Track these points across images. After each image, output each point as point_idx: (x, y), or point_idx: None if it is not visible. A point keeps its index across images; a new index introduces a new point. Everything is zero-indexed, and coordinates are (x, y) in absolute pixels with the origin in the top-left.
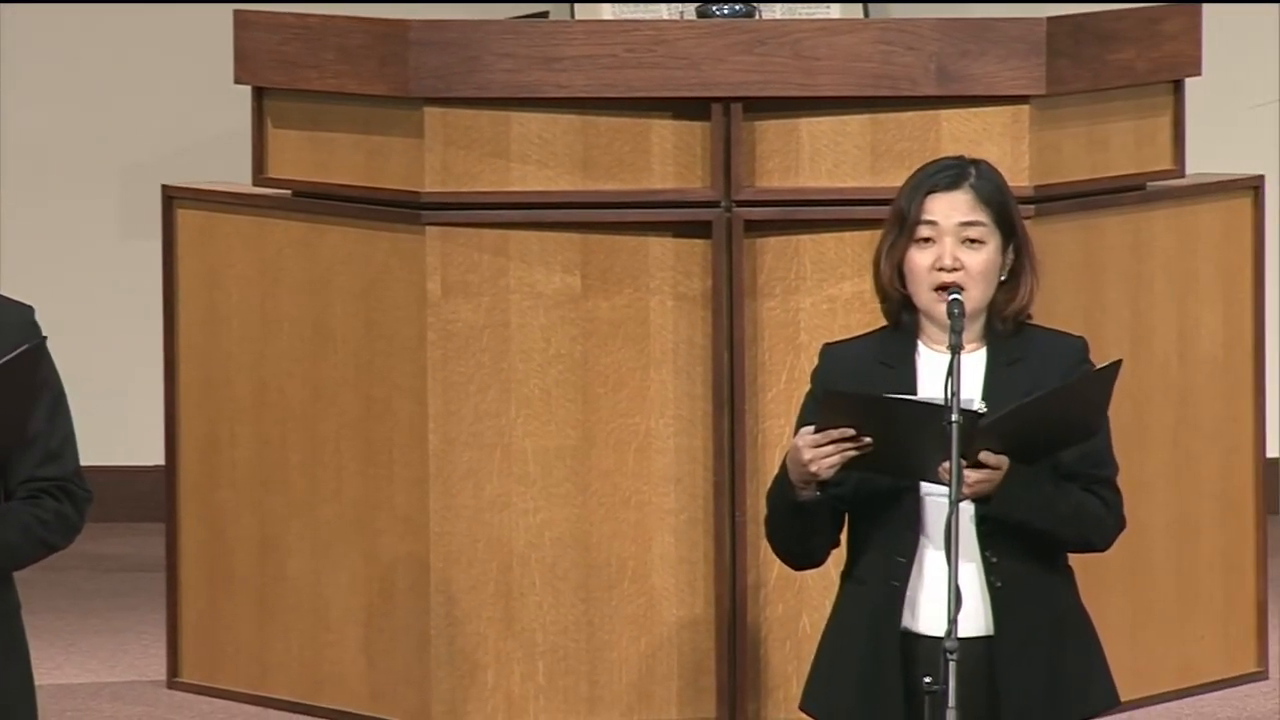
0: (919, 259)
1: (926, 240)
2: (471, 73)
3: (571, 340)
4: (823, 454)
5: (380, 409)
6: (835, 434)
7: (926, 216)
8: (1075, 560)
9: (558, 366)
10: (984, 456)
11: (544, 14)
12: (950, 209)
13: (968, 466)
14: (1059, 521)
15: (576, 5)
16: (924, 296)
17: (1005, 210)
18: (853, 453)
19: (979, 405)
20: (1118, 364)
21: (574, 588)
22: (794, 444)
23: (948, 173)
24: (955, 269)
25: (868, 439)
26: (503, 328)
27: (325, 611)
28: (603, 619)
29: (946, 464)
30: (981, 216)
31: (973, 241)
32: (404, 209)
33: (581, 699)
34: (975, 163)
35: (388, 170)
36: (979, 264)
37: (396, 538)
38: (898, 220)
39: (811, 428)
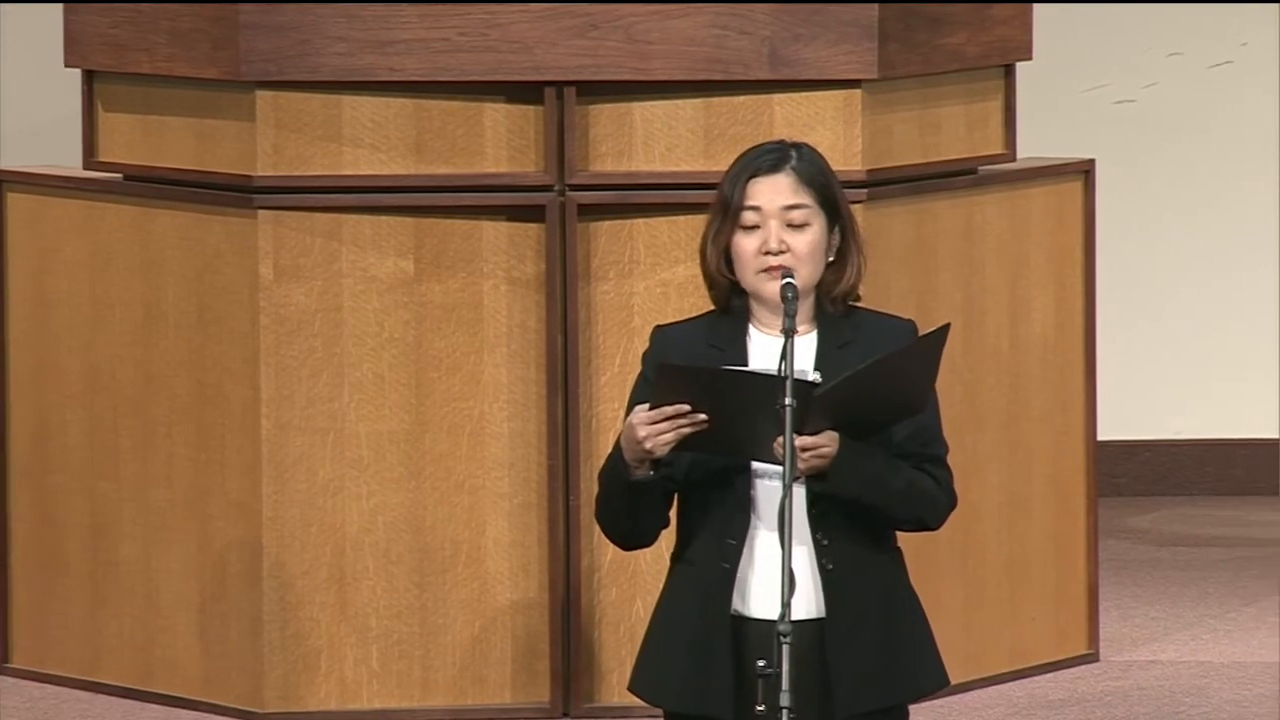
0: (745, 244)
1: (751, 225)
2: (303, 56)
3: (405, 324)
4: (658, 431)
5: (212, 393)
6: (670, 410)
7: (750, 201)
8: (907, 543)
9: (391, 351)
10: (808, 441)
11: None
12: (773, 192)
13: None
14: (892, 498)
15: None
16: (752, 280)
17: (828, 191)
18: (688, 430)
19: (814, 375)
20: (946, 327)
21: (407, 572)
22: (629, 422)
23: (769, 156)
24: (781, 252)
25: (702, 415)
26: (335, 312)
27: (157, 597)
28: (436, 603)
29: (781, 440)
30: (805, 199)
31: (797, 224)
32: (236, 193)
33: (415, 683)
34: (796, 146)
35: (219, 154)
36: (805, 245)
37: (229, 523)
38: (722, 206)
39: (647, 405)
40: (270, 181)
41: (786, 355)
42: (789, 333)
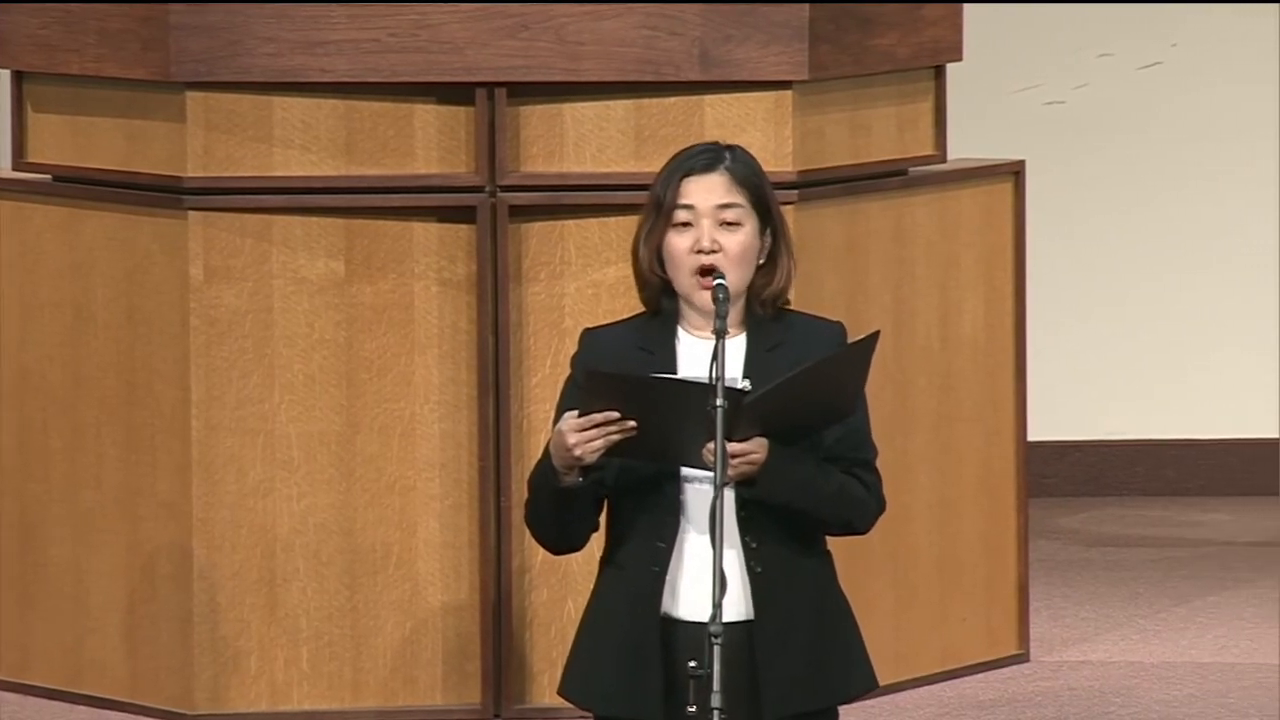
0: (677, 243)
1: (684, 224)
2: (234, 57)
3: (335, 325)
4: (587, 438)
5: (142, 394)
6: (600, 417)
7: (683, 200)
8: (838, 544)
9: (321, 352)
10: (738, 448)
11: None
12: (707, 192)
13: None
14: (821, 502)
15: None
16: (684, 281)
17: (761, 193)
18: (617, 436)
19: (744, 383)
20: (876, 334)
21: (338, 574)
22: (558, 429)
23: (703, 156)
24: (714, 251)
25: (631, 422)
26: (266, 313)
27: (86, 598)
28: (367, 605)
29: (711, 445)
30: (738, 198)
31: (730, 224)
32: (166, 194)
33: (345, 685)
34: (730, 147)
35: (149, 155)
36: (737, 246)
37: (159, 524)
38: (655, 206)
39: (575, 412)
40: (200, 182)
41: (717, 356)
42: (720, 334)
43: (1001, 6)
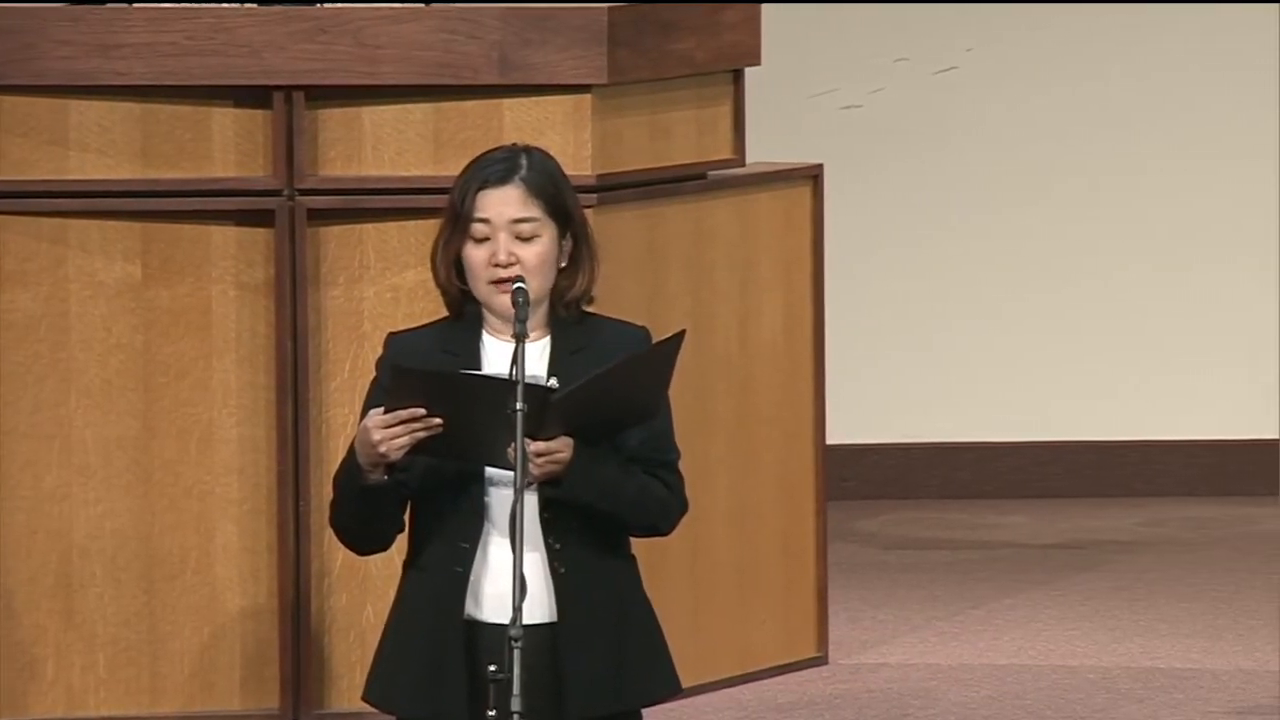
0: (475, 254)
1: (481, 237)
2: (28, 60)
3: (133, 329)
4: (392, 434)
5: None
6: (405, 414)
7: (479, 214)
8: (638, 547)
9: (119, 356)
10: (542, 447)
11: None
12: (502, 205)
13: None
14: (624, 504)
15: None
16: (483, 290)
17: (559, 200)
18: (422, 434)
19: (551, 381)
20: (681, 334)
21: (135, 579)
22: (363, 425)
23: (498, 167)
24: (511, 264)
25: (437, 420)
26: (62, 317)
27: None
28: (165, 610)
29: (514, 447)
30: (534, 211)
31: (526, 236)
32: None
33: (143, 690)
34: (528, 151)
35: None
36: (534, 257)
37: None
38: (452, 216)
39: (382, 409)
40: None
41: (518, 360)
42: (520, 338)
43: (804, 11)
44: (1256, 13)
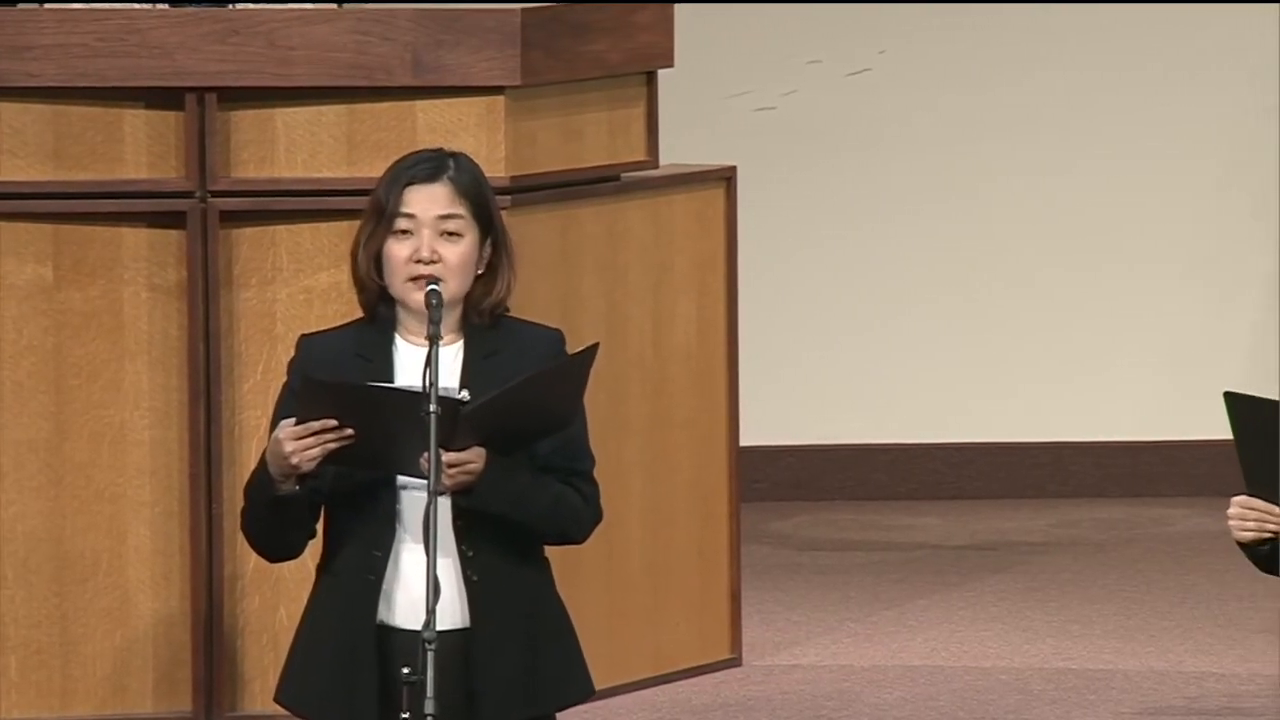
0: (397, 250)
1: (405, 232)
2: None
3: (44, 332)
4: (304, 446)
5: None
6: (317, 425)
7: (405, 209)
8: (552, 550)
9: (30, 358)
10: (455, 457)
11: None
12: (429, 201)
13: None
14: (537, 514)
15: None
16: (400, 287)
17: (483, 204)
18: (334, 444)
19: (463, 393)
20: (595, 347)
21: (47, 581)
22: (275, 436)
23: (426, 165)
24: (433, 261)
25: (349, 430)
26: None
27: None
28: (76, 613)
29: (427, 455)
30: (460, 209)
31: (451, 234)
32: None
33: (55, 693)
34: (454, 155)
35: None
36: (456, 257)
37: None
38: (376, 211)
39: (293, 420)
40: None
41: (431, 362)
42: (434, 339)
43: (716, 12)
44: (1172, 12)
